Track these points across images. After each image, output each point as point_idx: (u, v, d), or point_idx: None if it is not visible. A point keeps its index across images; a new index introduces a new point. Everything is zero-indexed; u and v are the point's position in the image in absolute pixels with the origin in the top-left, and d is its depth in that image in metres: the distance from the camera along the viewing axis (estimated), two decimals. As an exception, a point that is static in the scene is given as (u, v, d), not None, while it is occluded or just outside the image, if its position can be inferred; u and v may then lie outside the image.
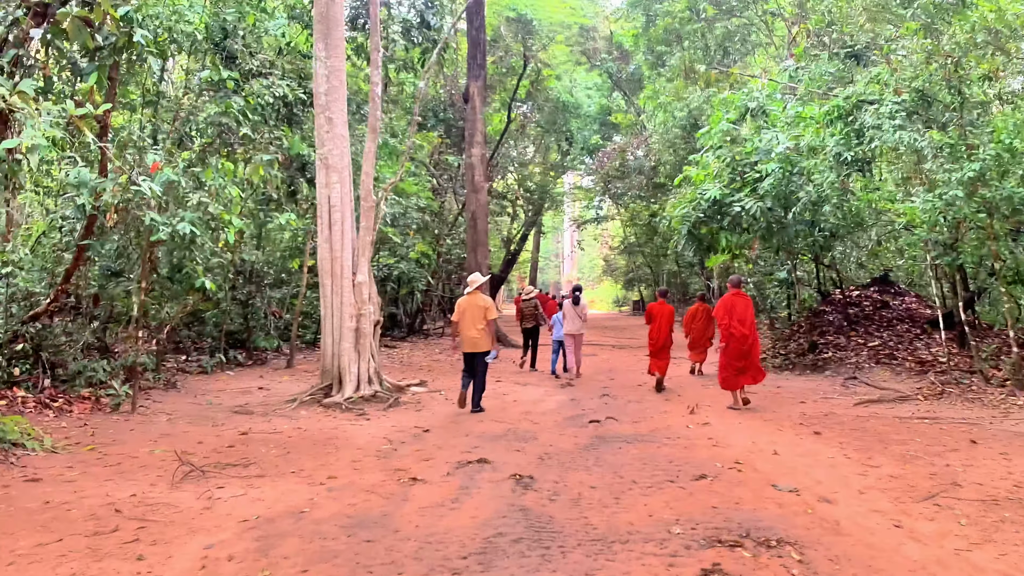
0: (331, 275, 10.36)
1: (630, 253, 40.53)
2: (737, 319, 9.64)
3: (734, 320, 9.65)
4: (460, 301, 9.93)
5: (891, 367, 12.14)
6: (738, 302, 9.79)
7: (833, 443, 7.53)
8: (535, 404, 10.53)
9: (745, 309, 9.77)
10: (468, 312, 9.66)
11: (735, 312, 9.69)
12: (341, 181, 10.31)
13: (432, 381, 13.04)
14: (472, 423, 8.92)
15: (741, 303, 9.80)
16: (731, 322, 9.65)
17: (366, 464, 6.72)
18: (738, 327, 9.61)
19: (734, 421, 8.96)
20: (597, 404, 10.47)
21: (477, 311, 9.62)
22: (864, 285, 15.45)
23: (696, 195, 13.08)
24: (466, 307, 9.70)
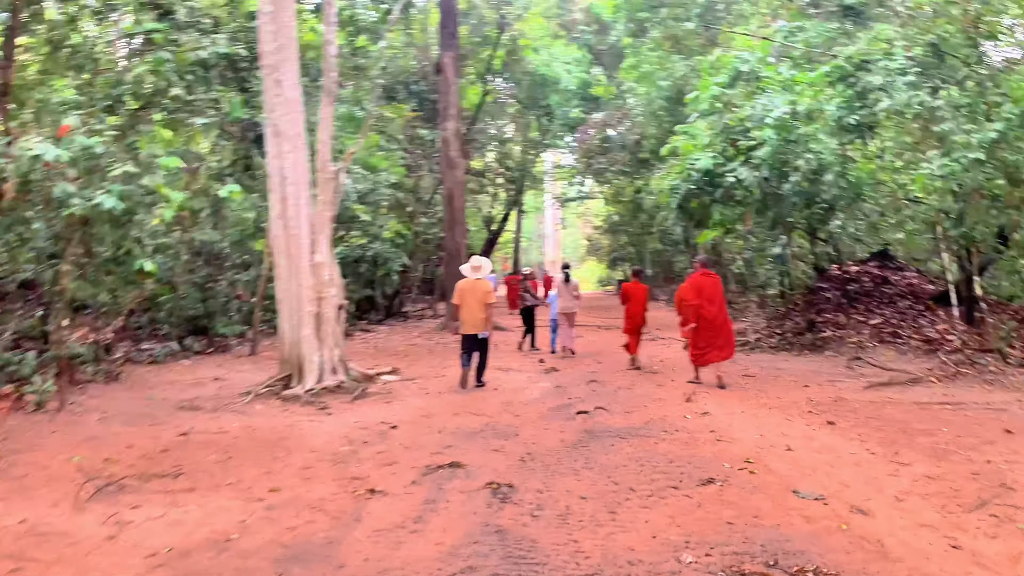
0: (287, 255, 9.34)
1: (614, 232, 39.61)
2: (706, 299, 9.48)
3: (703, 300, 9.47)
4: (461, 284, 9.91)
5: (896, 346, 11.35)
6: (706, 282, 9.61)
7: (851, 435, 6.67)
8: (517, 393, 9.61)
9: (714, 289, 9.61)
10: (469, 295, 9.73)
11: (704, 292, 9.51)
12: (294, 150, 9.27)
13: (407, 368, 12.08)
14: (446, 417, 7.98)
15: (709, 283, 9.63)
16: (700, 302, 9.47)
17: (318, 472, 5.77)
18: (707, 307, 9.44)
19: (736, 409, 8.09)
20: (585, 391, 9.58)
21: (478, 295, 9.68)
22: (862, 260, 14.64)
23: (686, 166, 12.14)
24: (467, 290, 9.75)
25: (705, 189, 12.03)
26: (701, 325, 9.45)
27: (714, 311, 9.45)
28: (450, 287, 20.12)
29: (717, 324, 9.47)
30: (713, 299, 9.50)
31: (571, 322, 13.45)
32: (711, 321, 9.42)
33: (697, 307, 9.44)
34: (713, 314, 9.43)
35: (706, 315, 9.40)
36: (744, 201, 12.35)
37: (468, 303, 9.73)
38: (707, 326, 9.43)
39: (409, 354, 14.20)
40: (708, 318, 9.41)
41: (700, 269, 9.85)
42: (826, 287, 14.19)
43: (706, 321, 9.41)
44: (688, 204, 12.31)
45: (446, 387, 10.11)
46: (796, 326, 13.32)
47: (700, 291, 9.52)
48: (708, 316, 9.40)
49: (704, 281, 9.62)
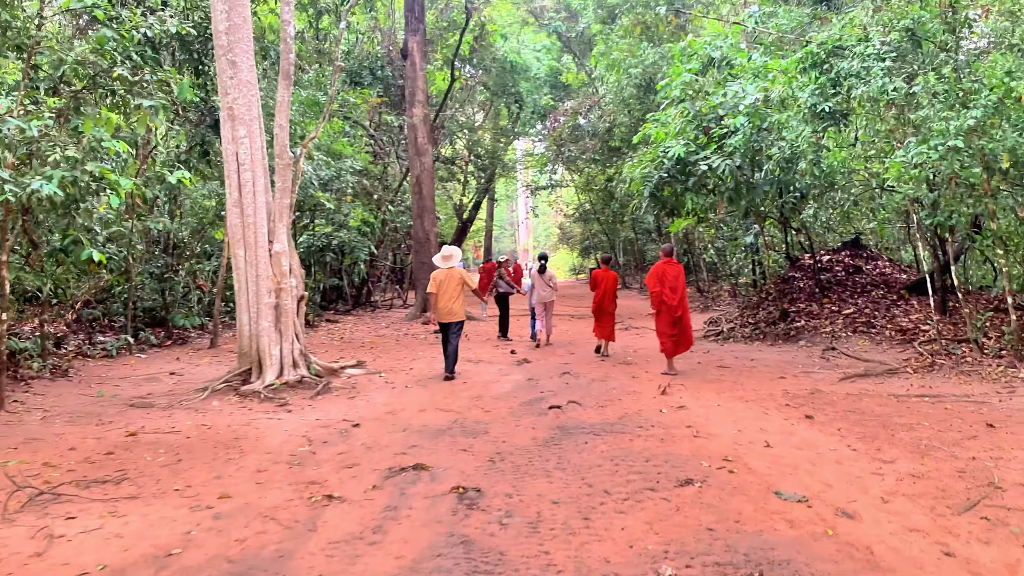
0: (244, 244, 8.90)
1: (585, 220, 39.43)
2: (668, 287, 9.58)
3: (666, 288, 9.57)
4: (436, 274, 9.95)
5: (870, 336, 11.24)
6: (669, 270, 9.68)
7: (830, 429, 6.47)
8: (487, 386, 9.30)
9: (676, 278, 9.68)
10: (445, 284, 9.82)
11: (666, 280, 9.61)
12: (250, 135, 8.81)
13: (373, 360, 11.71)
14: (412, 413, 7.65)
15: (672, 271, 9.69)
16: (663, 290, 9.58)
17: (273, 475, 5.40)
18: (670, 295, 9.54)
19: (711, 402, 7.87)
20: (557, 384, 9.30)
21: (454, 283, 9.81)
22: (834, 249, 14.55)
23: (658, 154, 11.88)
24: (443, 279, 9.83)
25: (677, 177, 11.79)
26: (663, 311, 9.59)
27: (676, 300, 9.55)
28: (419, 276, 19.77)
29: (678, 314, 9.57)
30: (676, 288, 9.59)
31: (549, 311, 13.53)
32: (673, 309, 9.53)
33: (659, 294, 9.58)
34: (675, 302, 9.52)
35: (668, 302, 9.51)
36: (716, 189, 12.14)
37: (445, 292, 9.82)
38: (668, 313, 9.56)
39: (376, 346, 13.82)
40: (671, 305, 9.52)
41: (663, 258, 9.95)
42: (799, 276, 14.08)
43: (669, 308, 9.53)
44: (660, 192, 12.06)
45: (413, 380, 9.77)
46: (769, 316, 13.18)
47: (663, 279, 9.61)
48: (671, 303, 9.51)
49: (667, 269, 9.68)
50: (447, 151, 29.00)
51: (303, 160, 9.59)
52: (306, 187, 13.47)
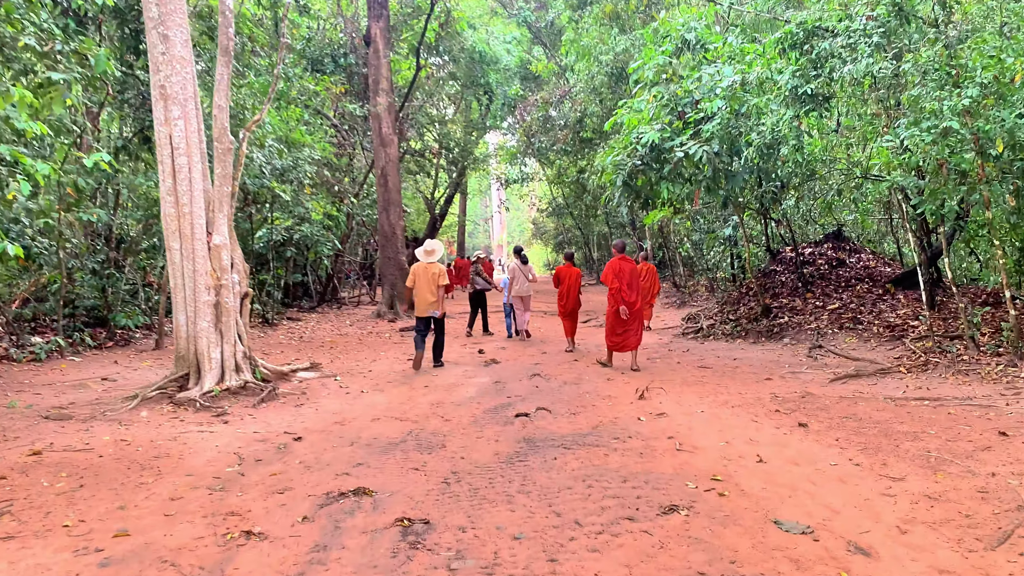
0: (179, 235, 8.04)
1: (559, 215, 38.78)
2: (625, 284, 9.49)
3: (623, 285, 9.47)
4: (415, 267, 10.16)
5: (857, 333, 10.66)
6: (624, 266, 9.56)
7: (827, 440, 5.81)
8: (451, 390, 8.55)
9: (632, 274, 9.61)
10: (422, 278, 10.04)
11: (623, 277, 9.51)
12: (185, 116, 7.94)
13: (331, 361, 10.90)
14: (363, 423, 6.87)
15: (627, 267, 9.58)
16: (621, 286, 9.48)
17: (188, 504, 4.60)
18: (627, 292, 9.45)
19: (694, 408, 7.20)
20: (526, 388, 8.58)
21: (431, 277, 10.03)
22: (816, 242, 13.98)
23: (631, 140, 11.16)
24: (420, 273, 10.06)
25: (651, 165, 11.07)
26: (619, 307, 9.51)
27: (633, 297, 9.46)
28: (386, 272, 18.92)
29: (635, 310, 9.49)
30: (632, 284, 9.51)
31: (526, 305, 13.44)
32: (630, 306, 9.45)
33: (617, 290, 9.44)
34: (632, 299, 9.44)
35: (626, 299, 9.41)
36: (693, 178, 11.48)
37: (421, 285, 10.04)
38: (626, 309, 9.48)
39: (336, 345, 12.98)
40: (628, 302, 9.42)
41: (617, 254, 9.78)
42: (780, 270, 13.50)
43: (626, 304, 9.45)
44: (634, 181, 11.34)
45: (370, 384, 8.99)
46: (751, 311, 12.56)
47: (619, 275, 9.48)
48: (628, 300, 9.42)
49: (623, 266, 9.54)
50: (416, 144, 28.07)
51: (246, 145, 8.73)
52: (260, 177, 12.58)
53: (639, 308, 9.60)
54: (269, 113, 13.95)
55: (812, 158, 10.42)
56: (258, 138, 11.79)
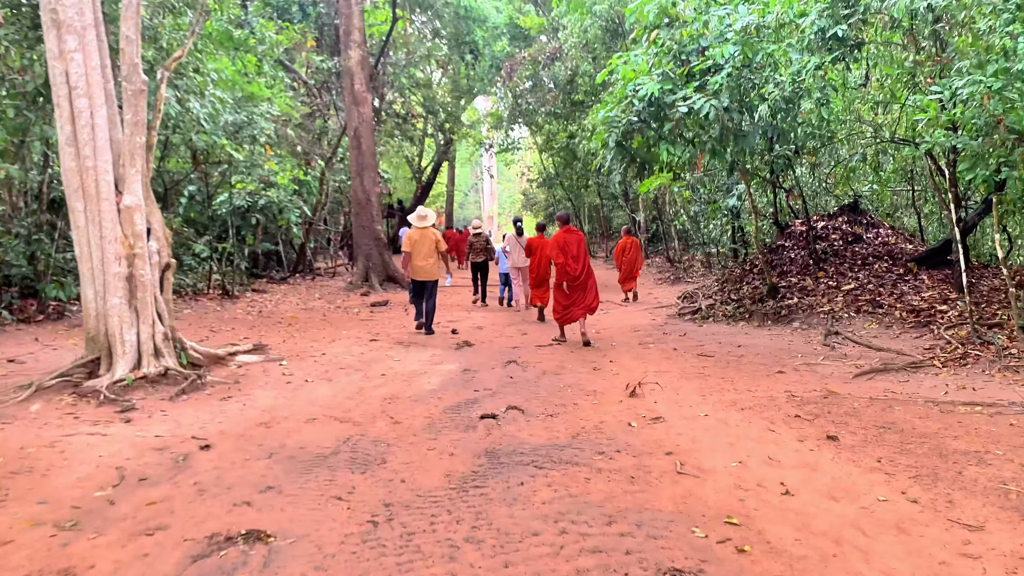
0: (83, 195, 6.71)
1: (549, 185, 37.31)
2: (570, 256, 9.30)
3: (568, 258, 9.28)
4: (411, 233, 10.35)
5: (876, 317, 9.46)
6: (570, 239, 9.38)
7: (867, 461, 4.61)
8: (410, 381, 7.31)
9: (578, 246, 9.41)
10: (419, 244, 10.28)
11: (568, 249, 9.32)
12: (83, 49, 6.55)
13: (283, 341, 9.64)
14: (294, 424, 5.63)
15: (573, 239, 9.41)
16: (566, 260, 9.28)
17: (10, 555, 3.35)
18: (572, 264, 9.27)
19: (696, 409, 5.99)
20: (499, 378, 7.35)
21: (428, 243, 10.30)
22: (829, 215, 12.72)
23: (626, 93, 9.80)
24: (418, 239, 10.29)
25: (649, 123, 9.73)
26: (567, 282, 9.31)
27: (578, 268, 9.29)
28: (360, 241, 17.58)
29: (580, 281, 9.30)
30: (578, 256, 9.33)
31: (524, 276, 13.11)
32: (575, 278, 9.27)
33: (563, 265, 9.26)
34: (577, 271, 9.27)
35: (571, 272, 9.23)
36: (697, 139, 10.18)
37: (419, 251, 10.24)
38: (570, 283, 9.29)
39: (296, 321, 11.71)
40: (572, 275, 9.25)
41: (561, 226, 9.61)
42: (788, 245, 12.25)
43: (571, 278, 9.26)
44: (628, 142, 10.01)
45: (320, 371, 7.74)
46: (755, 291, 11.34)
47: (564, 248, 9.28)
48: (573, 273, 9.25)
49: (567, 238, 9.36)
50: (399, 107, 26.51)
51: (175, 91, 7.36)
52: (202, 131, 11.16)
53: (583, 280, 9.35)
54: (222, 62, 12.51)
55: (833, 118, 9.11)
56: (197, 85, 10.36)
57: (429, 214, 10.54)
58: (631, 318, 12.37)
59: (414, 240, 10.24)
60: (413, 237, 10.26)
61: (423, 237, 10.24)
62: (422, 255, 10.21)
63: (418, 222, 10.41)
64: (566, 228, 9.53)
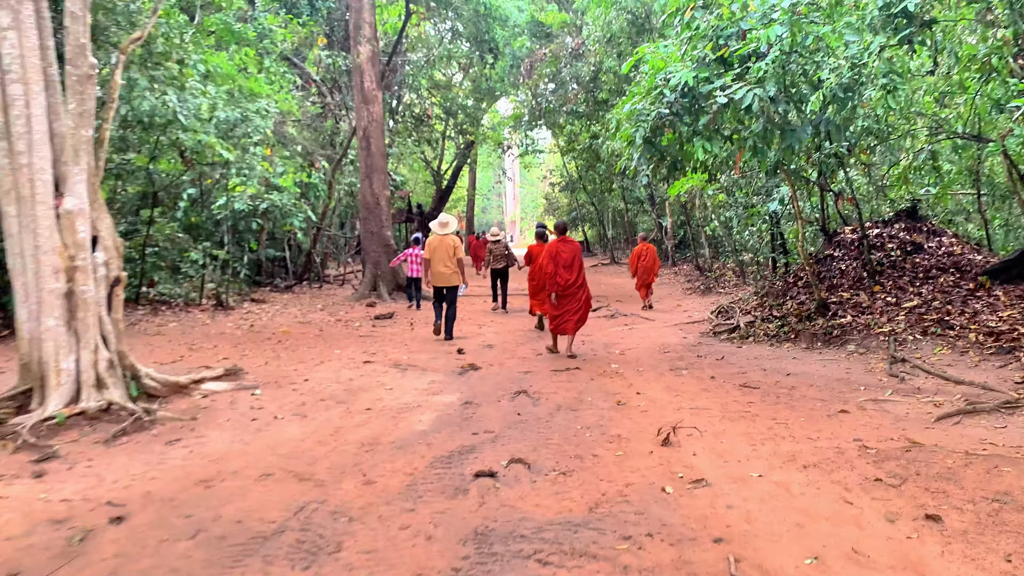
0: (15, 197, 5.68)
1: (572, 190, 36.07)
2: (562, 265, 9.13)
3: (560, 267, 9.11)
4: (431, 240, 10.54)
5: (947, 341, 8.15)
6: (563, 248, 9.25)
7: (991, 558, 3.37)
8: (398, 417, 6.18)
9: (573, 256, 9.27)
10: (439, 251, 10.44)
11: (560, 259, 9.16)
12: (18, 27, 5.56)
13: (265, 363, 8.57)
14: (241, 484, 4.51)
15: (567, 249, 9.26)
16: (556, 269, 9.10)
17: None
18: (563, 273, 9.11)
19: (747, 466, 4.77)
20: (504, 415, 6.20)
21: (447, 250, 10.45)
22: (884, 221, 11.37)
23: (656, 82, 8.59)
24: (437, 246, 10.45)
25: (682, 116, 8.50)
26: (557, 292, 9.13)
27: (571, 278, 9.13)
28: (369, 248, 16.49)
29: (571, 291, 9.13)
30: (571, 266, 9.18)
31: None
32: (566, 288, 9.11)
33: (553, 274, 9.08)
34: (569, 281, 9.11)
35: (561, 282, 9.06)
36: (737, 135, 8.95)
37: (437, 257, 10.42)
38: (562, 293, 9.12)
39: (288, 338, 10.63)
40: (563, 285, 9.08)
41: (557, 235, 9.45)
42: (838, 255, 10.92)
43: (560, 289, 9.10)
44: (658, 138, 8.80)
45: (295, 403, 6.64)
46: (802, 307, 10.04)
47: (556, 257, 9.12)
48: (563, 283, 9.07)
49: (561, 247, 9.21)
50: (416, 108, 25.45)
51: (120, 73, 6.31)
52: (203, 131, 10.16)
53: (574, 291, 9.14)
54: (219, 56, 11.50)
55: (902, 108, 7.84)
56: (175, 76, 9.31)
57: (451, 221, 10.76)
58: (660, 335, 11.14)
59: (433, 247, 10.45)
60: (432, 244, 10.47)
61: (441, 244, 10.42)
62: (440, 261, 10.38)
63: (439, 229, 10.62)
64: (562, 237, 9.35)
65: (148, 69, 8.94)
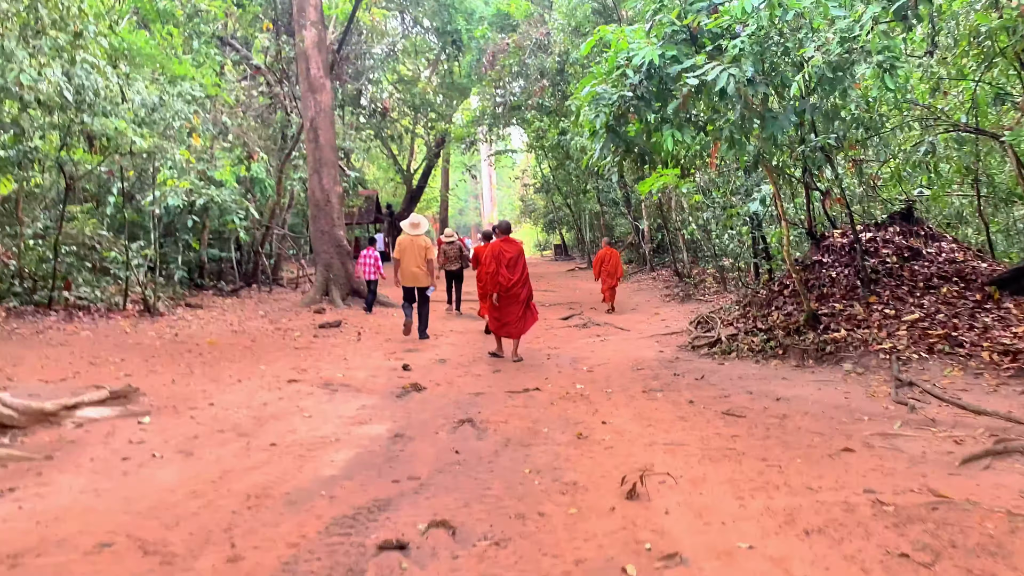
0: None
1: (547, 191, 34.98)
2: (504, 266, 8.94)
3: (502, 267, 8.93)
4: (401, 239, 10.52)
5: (958, 360, 7.16)
6: (506, 248, 9.11)
7: None
8: (305, 458, 5.03)
9: (515, 257, 9.09)
10: (408, 251, 10.41)
11: (503, 258, 8.98)
12: None
13: (175, 381, 7.37)
14: (57, 561, 3.34)
15: (510, 249, 9.13)
16: (499, 268, 8.92)
17: None
18: (505, 274, 8.93)
19: (732, 528, 3.70)
20: (439, 453, 5.08)
21: (417, 250, 10.41)
22: (877, 224, 10.40)
23: (617, 61, 7.49)
24: (408, 246, 10.42)
25: (648, 100, 7.41)
26: (499, 293, 8.95)
27: (513, 279, 8.95)
28: (320, 249, 15.16)
29: (513, 292, 8.94)
30: (514, 266, 9.01)
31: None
32: (509, 289, 8.92)
33: (494, 274, 8.90)
34: (511, 282, 8.93)
35: (503, 283, 8.87)
36: (711, 125, 7.92)
37: (407, 258, 10.41)
38: (504, 295, 8.94)
39: (211, 350, 9.40)
40: (506, 286, 8.89)
41: (499, 235, 9.30)
42: (828, 261, 9.92)
43: (503, 289, 8.91)
44: (623, 126, 7.71)
45: (188, 435, 5.46)
46: (789, 320, 9.02)
47: (499, 257, 8.93)
48: (505, 284, 8.88)
49: (503, 247, 9.05)
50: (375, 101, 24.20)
51: None
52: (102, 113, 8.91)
53: (516, 292, 8.94)
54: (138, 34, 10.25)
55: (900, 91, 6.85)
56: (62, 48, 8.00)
57: (423, 222, 10.78)
58: (634, 348, 10.09)
59: (404, 247, 10.45)
60: (403, 244, 10.46)
61: (412, 244, 10.43)
62: (411, 262, 10.39)
63: (410, 230, 10.62)
64: (504, 237, 9.20)
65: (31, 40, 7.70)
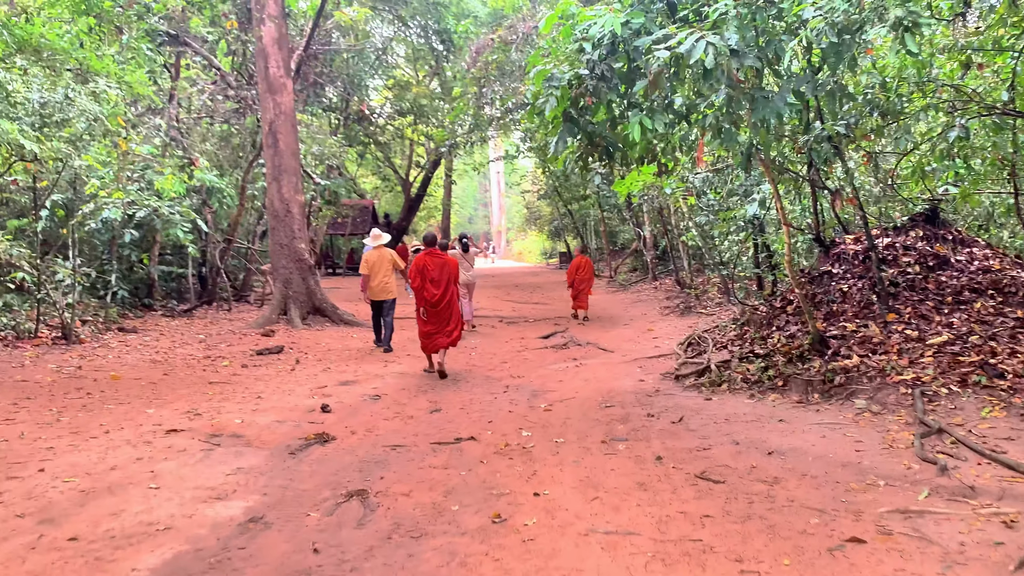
0: None
1: (551, 197, 33.54)
2: (429, 280, 8.63)
3: (426, 283, 8.63)
4: (368, 254, 10.60)
5: (998, 395, 5.66)
6: (430, 262, 8.70)
7: None
8: (96, 567, 3.63)
9: (440, 269, 8.69)
10: (377, 264, 10.51)
11: (427, 273, 8.64)
12: None
13: (22, 436, 6.02)
14: None
15: (434, 263, 8.71)
16: (423, 284, 8.62)
17: None
18: (430, 288, 8.64)
19: None
20: (291, 553, 3.69)
21: (385, 263, 10.55)
22: (896, 227, 8.85)
23: (573, 34, 6.05)
24: (375, 260, 10.52)
25: (610, 81, 5.98)
26: (425, 308, 8.68)
27: (438, 293, 8.70)
28: (278, 263, 13.65)
29: (441, 307, 8.71)
30: (438, 280, 8.72)
31: (470, 291, 13.11)
32: (434, 304, 8.66)
33: (420, 288, 8.67)
34: (437, 297, 8.68)
35: (429, 297, 8.63)
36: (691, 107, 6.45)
37: (376, 272, 10.46)
38: (430, 309, 8.66)
39: (108, 388, 8.02)
40: (431, 300, 8.65)
41: (425, 247, 8.94)
42: (838, 272, 8.39)
43: (429, 304, 8.66)
44: (584, 115, 6.26)
45: None
46: (792, 343, 7.51)
47: (423, 271, 8.66)
48: (431, 299, 8.64)
49: (428, 261, 8.73)
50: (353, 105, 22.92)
51: None
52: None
53: (443, 307, 8.69)
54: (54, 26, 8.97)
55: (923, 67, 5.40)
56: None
57: (382, 234, 10.90)
58: (611, 376, 8.63)
59: (371, 261, 10.47)
60: (370, 259, 10.48)
61: (380, 258, 10.51)
62: (380, 275, 10.45)
63: (372, 241, 10.78)
64: (429, 250, 8.80)
65: None
